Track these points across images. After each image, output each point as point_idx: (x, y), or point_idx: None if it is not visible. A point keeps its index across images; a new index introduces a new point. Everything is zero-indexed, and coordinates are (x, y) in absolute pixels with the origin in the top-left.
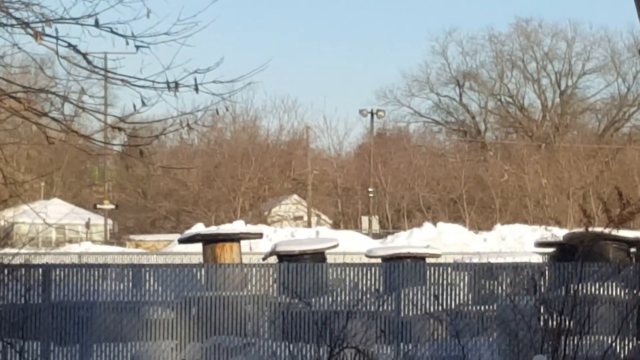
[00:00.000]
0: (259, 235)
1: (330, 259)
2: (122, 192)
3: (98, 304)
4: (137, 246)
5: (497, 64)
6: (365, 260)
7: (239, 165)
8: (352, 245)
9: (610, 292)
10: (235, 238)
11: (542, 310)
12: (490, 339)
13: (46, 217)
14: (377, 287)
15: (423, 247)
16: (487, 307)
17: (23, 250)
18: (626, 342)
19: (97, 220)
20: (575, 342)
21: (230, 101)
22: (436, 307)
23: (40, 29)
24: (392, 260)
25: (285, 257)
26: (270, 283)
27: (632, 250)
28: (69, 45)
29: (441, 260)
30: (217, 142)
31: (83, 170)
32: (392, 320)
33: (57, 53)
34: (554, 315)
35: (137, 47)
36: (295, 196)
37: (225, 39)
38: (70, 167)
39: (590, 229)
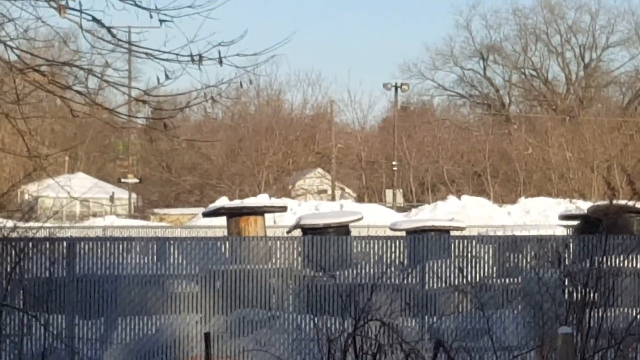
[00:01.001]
0: (283, 209)
1: (354, 232)
2: (146, 166)
3: (122, 277)
4: (161, 220)
5: (521, 37)
6: (390, 233)
7: (263, 139)
8: (376, 219)
9: (634, 265)
10: (259, 211)
11: (566, 283)
12: (515, 312)
13: (70, 191)
14: (401, 259)
15: (447, 220)
16: (511, 279)
17: (47, 224)
18: None
19: (121, 194)
20: (600, 314)
21: (254, 74)
22: (461, 280)
23: (64, 3)
24: (416, 233)
25: (309, 230)
26: (295, 256)
27: None
28: (93, 18)
29: (465, 233)
30: (241, 116)
31: (107, 144)
32: (417, 293)
33: (80, 26)
34: (579, 288)
35: (161, 21)
36: (319, 170)
37: (249, 11)
38: (95, 141)
39: (614, 202)
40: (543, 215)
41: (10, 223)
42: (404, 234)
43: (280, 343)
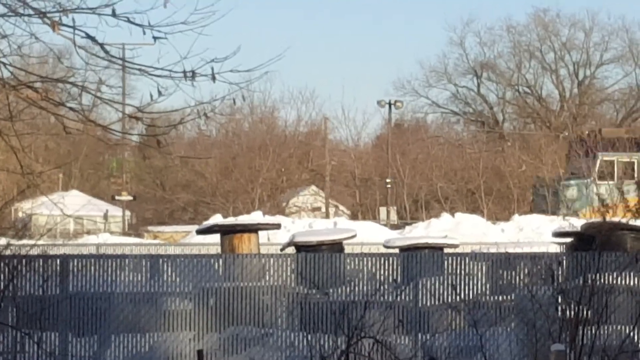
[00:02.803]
0: (277, 226)
1: (348, 250)
2: (140, 184)
3: (116, 294)
4: (155, 237)
5: (515, 54)
6: (383, 250)
7: (256, 156)
8: (370, 236)
9: (628, 282)
10: (253, 229)
11: (559, 300)
12: (508, 329)
13: (64, 208)
14: (395, 277)
15: (441, 238)
16: (505, 297)
17: (41, 242)
18: None
19: (115, 211)
20: (593, 331)
21: (247, 90)
22: (454, 297)
23: (57, 19)
24: (410, 251)
25: (303, 248)
26: (288, 273)
27: None
28: (87, 35)
29: (459, 250)
30: (235, 133)
31: (101, 161)
32: (410, 310)
33: (74, 43)
34: (572, 305)
35: (155, 38)
36: (313, 187)
37: (243, 28)
38: (88, 158)
39: (607, 219)
40: (536, 233)
41: (3, 240)
42: (397, 251)
43: None
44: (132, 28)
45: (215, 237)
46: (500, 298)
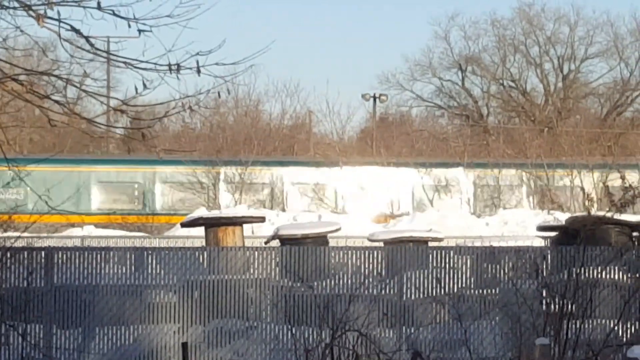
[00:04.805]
0: (262, 219)
1: (332, 243)
2: None
3: (100, 287)
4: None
5: (499, 48)
6: (368, 243)
7: (241, 149)
8: (354, 229)
9: (612, 276)
10: (237, 222)
11: (544, 294)
12: (493, 323)
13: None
14: (379, 270)
15: (425, 231)
16: (489, 290)
17: (25, 234)
18: (628, 326)
19: None
20: (578, 325)
21: (232, 84)
22: (438, 291)
23: (42, 12)
24: (394, 244)
25: (287, 241)
26: (273, 266)
27: (634, 234)
28: (72, 28)
29: (443, 243)
30: (219, 126)
31: (85, 154)
32: (395, 304)
33: (59, 36)
34: (556, 299)
35: (140, 31)
36: None
37: (228, 21)
38: (73, 150)
39: (592, 213)
40: (521, 226)
41: None
42: (382, 244)
43: (257, 353)
44: (117, 21)
45: (200, 230)
46: (485, 292)
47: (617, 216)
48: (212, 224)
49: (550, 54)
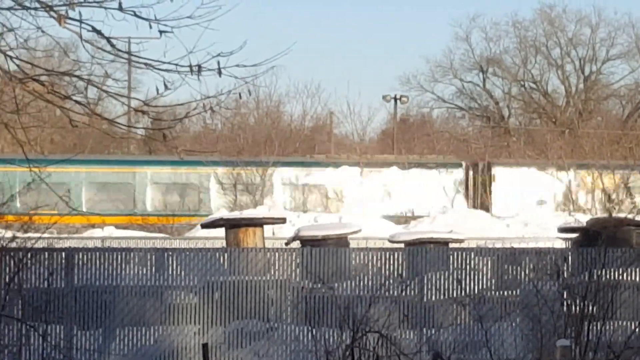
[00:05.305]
0: (282, 220)
1: (353, 244)
2: None
3: (121, 288)
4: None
5: (520, 49)
6: (389, 245)
7: (262, 150)
8: (375, 231)
9: (633, 278)
10: (258, 223)
11: (565, 296)
12: (513, 324)
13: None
14: (400, 271)
15: (446, 232)
16: (510, 292)
17: (46, 235)
18: None
19: None
20: (598, 327)
21: (253, 84)
22: (459, 292)
23: (63, 12)
24: (415, 245)
25: (308, 242)
26: (293, 268)
27: None
28: (93, 29)
29: (464, 245)
30: (240, 127)
31: (106, 155)
32: (415, 305)
33: (80, 37)
34: (577, 301)
35: (161, 32)
36: None
37: (249, 22)
38: (94, 151)
39: (613, 215)
40: (542, 228)
41: (9, 233)
42: (402, 246)
43: (278, 355)
44: (139, 22)
45: (220, 231)
46: (506, 293)
47: (638, 217)
48: (232, 225)
49: (572, 56)
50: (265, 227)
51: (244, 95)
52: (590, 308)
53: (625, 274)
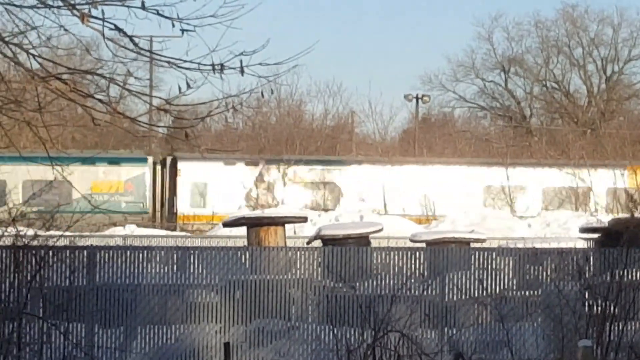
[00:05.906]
0: (304, 219)
1: (374, 243)
2: None
3: (142, 286)
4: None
5: (543, 49)
6: (410, 244)
7: (283, 149)
8: (396, 230)
9: None
10: (279, 222)
11: (586, 296)
12: (535, 324)
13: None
14: (421, 271)
15: (467, 232)
16: (531, 292)
17: (68, 233)
18: None
19: None
20: (620, 327)
21: (275, 83)
22: (481, 292)
23: (86, 11)
24: (436, 245)
25: (329, 241)
26: (315, 267)
27: None
28: (115, 27)
29: (486, 245)
30: (261, 126)
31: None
32: (437, 305)
33: (103, 35)
34: (599, 301)
35: (183, 30)
36: None
37: (272, 21)
38: (116, 149)
39: (635, 215)
40: (564, 228)
41: (30, 231)
42: (424, 245)
43: (299, 354)
44: (161, 20)
45: (242, 230)
46: (527, 293)
47: None
48: (254, 224)
49: (594, 55)
50: (287, 226)
51: (266, 94)
52: (612, 308)
53: None
